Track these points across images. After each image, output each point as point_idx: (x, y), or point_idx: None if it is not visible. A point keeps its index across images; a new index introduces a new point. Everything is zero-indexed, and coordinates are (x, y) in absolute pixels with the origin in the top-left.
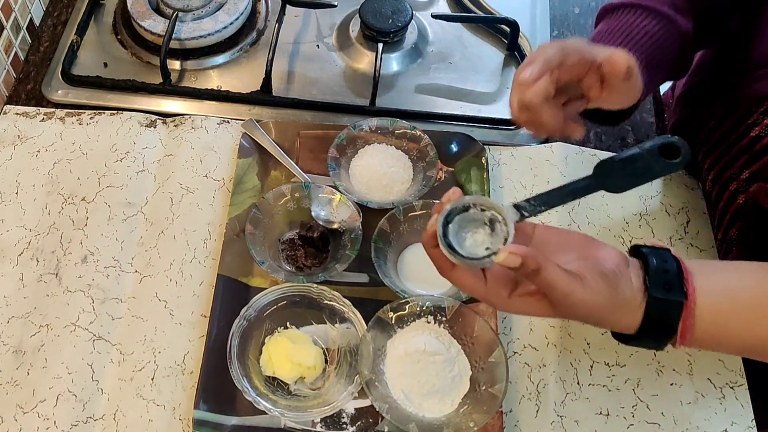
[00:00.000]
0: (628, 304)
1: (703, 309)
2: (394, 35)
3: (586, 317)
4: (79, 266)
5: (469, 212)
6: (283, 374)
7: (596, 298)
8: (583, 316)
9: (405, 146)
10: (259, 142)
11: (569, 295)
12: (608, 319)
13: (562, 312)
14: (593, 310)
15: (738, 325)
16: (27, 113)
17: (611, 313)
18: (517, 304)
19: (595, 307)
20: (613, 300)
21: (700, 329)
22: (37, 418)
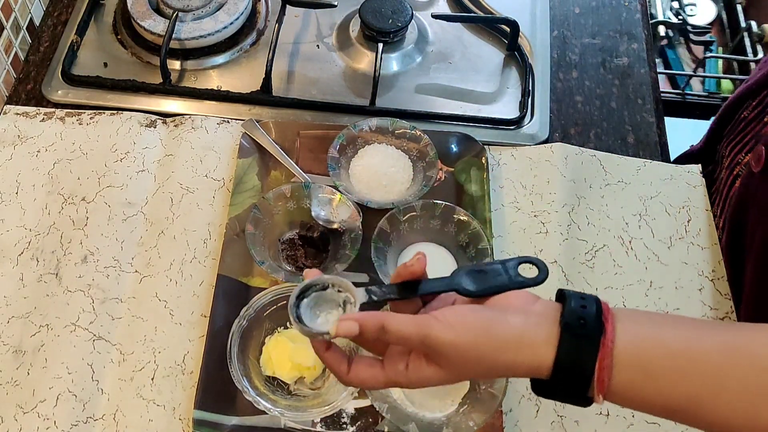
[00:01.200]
0: (530, 338)
1: (623, 352)
2: (394, 35)
3: (477, 361)
4: (79, 266)
5: (327, 292)
6: (283, 374)
7: (466, 337)
8: (471, 360)
9: (405, 146)
10: (259, 142)
11: (428, 336)
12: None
13: (447, 364)
14: (474, 348)
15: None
16: (27, 113)
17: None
18: (413, 374)
19: (474, 348)
20: (495, 333)
21: (620, 375)
22: (37, 418)
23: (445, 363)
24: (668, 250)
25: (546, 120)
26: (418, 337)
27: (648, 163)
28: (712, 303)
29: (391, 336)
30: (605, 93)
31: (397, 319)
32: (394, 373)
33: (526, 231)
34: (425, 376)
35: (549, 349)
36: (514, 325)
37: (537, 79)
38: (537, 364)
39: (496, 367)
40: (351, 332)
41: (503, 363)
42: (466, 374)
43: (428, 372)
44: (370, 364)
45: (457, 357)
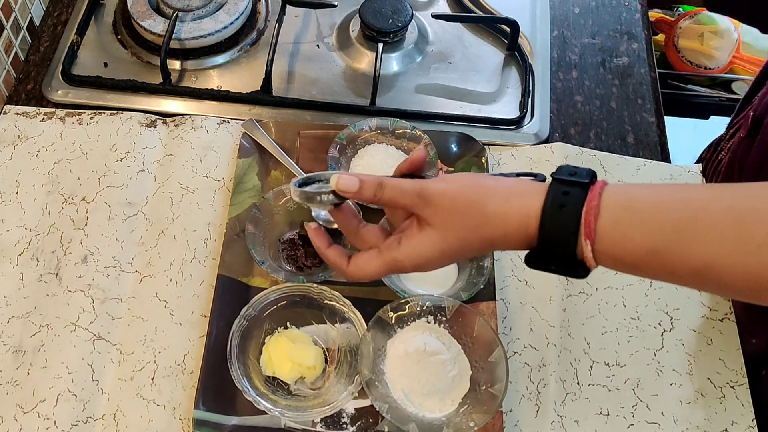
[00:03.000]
0: (520, 189)
1: (611, 196)
2: (394, 35)
3: (467, 208)
4: (79, 266)
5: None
6: (283, 374)
7: (458, 184)
8: (461, 208)
9: (405, 146)
10: (259, 142)
11: (424, 188)
12: (496, 209)
13: (439, 218)
14: (464, 194)
15: (652, 212)
16: (27, 113)
17: (492, 196)
18: (406, 245)
19: (464, 194)
20: (486, 183)
21: (607, 215)
22: (37, 418)
23: (436, 218)
24: None
25: (546, 120)
26: (413, 189)
27: (648, 163)
28: (711, 304)
29: (387, 190)
30: (605, 93)
31: (394, 179)
32: (388, 251)
33: None
34: (417, 242)
35: (538, 197)
36: (506, 182)
37: (537, 79)
38: (525, 213)
39: (485, 218)
40: (351, 186)
41: (492, 211)
42: (456, 230)
43: (420, 237)
44: (367, 252)
45: (448, 205)
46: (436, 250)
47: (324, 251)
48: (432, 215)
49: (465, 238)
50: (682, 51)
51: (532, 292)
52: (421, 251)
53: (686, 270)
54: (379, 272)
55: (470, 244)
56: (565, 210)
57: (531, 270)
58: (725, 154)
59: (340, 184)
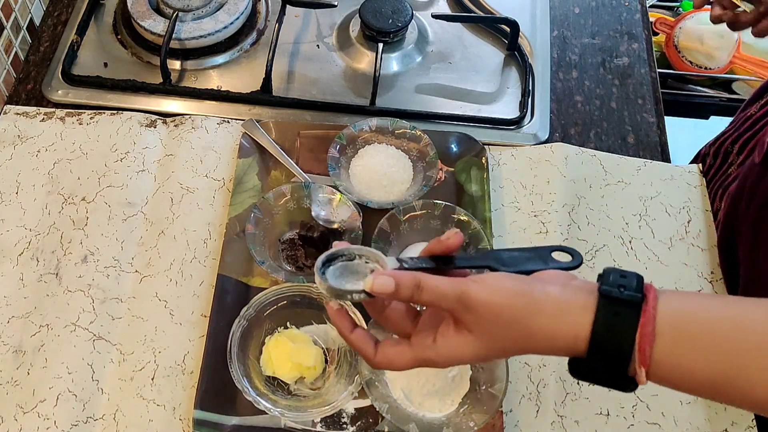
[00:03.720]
0: (567, 305)
1: (665, 320)
2: (394, 35)
3: (511, 324)
4: (79, 266)
5: (354, 262)
6: (283, 374)
7: (503, 296)
8: (505, 322)
9: (405, 146)
10: (259, 142)
11: (465, 293)
12: (542, 325)
13: (479, 327)
14: (510, 308)
15: (711, 344)
16: (27, 113)
17: (539, 313)
18: (442, 346)
19: (509, 308)
20: (532, 296)
21: (663, 344)
22: (37, 418)
23: (477, 327)
24: (668, 250)
25: (546, 120)
26: (454, 293)
27: (648, 163)
28: None
29: (425, 293)
30: (605, 93)
31: (433, 278)
32: (421, 348)
33: (526, 231)
34: (455, 345)
35: (586, 316)
36: (552, 292)
37: (537, 79)
38: (574, 334)
39: (531, 335)
40: (387, 288)
41: (538, 329)
42: (497, 342)
43: (458, 341)
44: (396, 342)
45: (492, 318)
46: (475, 356)
47: (348, 335)
48: (473, 323)
49: (507, 349)
50: (682, 51)
51: None
52: (460, 355)
53: (750, 403)
54: (409, 367)
55: (511, 353)
56: (617, 333)
57: None
58: (734, 170)
59: (375, 287)
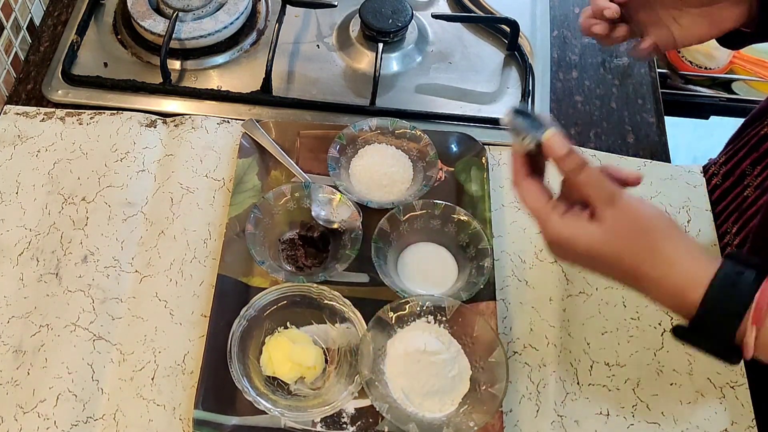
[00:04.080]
0: (698, 250)
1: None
2: (394, 35)
3: (641, 234)
4: (79, 266)
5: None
6: (283, 374)
7: (649, 209)
8: (640, 230)
9: (405, 146)
10: (259, 142)
11: (618, 191)
12: (666, 250)
13: (615, 224)
14: (648, 221)
15: None
16: (27, 113)
17: (671, 235)
18: (570, 222)
19: (650, 220)
20: (669, 224)
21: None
22: (37, 418)
23: (611, 221)
24: None
25: None
26: (609, 187)
27: (648, 163)
28: None
29: (584, 175)
30: (605, 93)
31: (595, 169)
32: (554, 207)
33: (526, 231)
34: (581, 228)
35: (710, 269)
36: (689, 237)
37: (537, 79)
38: (693, 275)
39: (653, 255)
40: (559, 150)
41: (663, 251)
42: (620, 244)
43: (586, 227)
44: (543, 187)
45: (630, 218)
46: (589, 247)
47: (519, 180)
48: (610, 217)
49: (622, 255)
50: (682, 51)
51: (532, 292)
52: (576, 237)
53: None
54: (533, 208)
55: (620, 265)
56: (736, 289)
57: (531, 270)
58: (751, 192)
59: (552, 142)
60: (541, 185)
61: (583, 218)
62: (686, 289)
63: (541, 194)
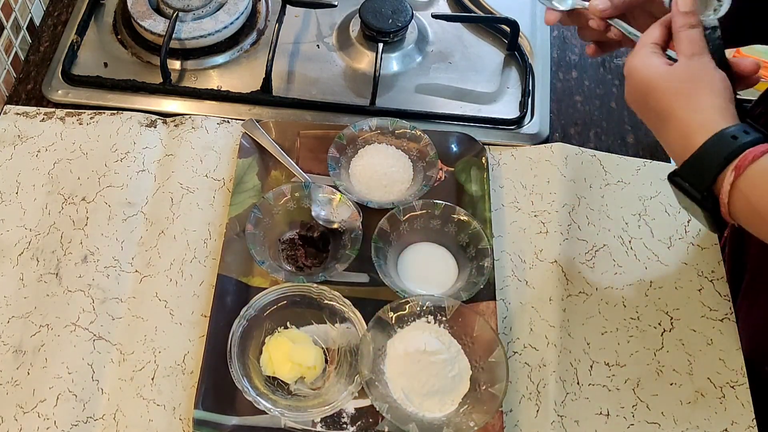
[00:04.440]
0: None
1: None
2: (394, 35)
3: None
4: (79, 266)
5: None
6: (283, 374)
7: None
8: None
9: (405, 146)
10: (259, 141)
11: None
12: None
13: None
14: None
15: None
16: (27, 113)
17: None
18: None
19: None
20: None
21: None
22: (37, 418)
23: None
24: (668, 250)
25: (546, 120)
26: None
27: (648, 163)
28: (711, 304)
29: (688, 32)
30: (605, 93)
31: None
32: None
33: (526, 231)
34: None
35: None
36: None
37: (537, 79)
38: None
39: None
40: (687, 5)
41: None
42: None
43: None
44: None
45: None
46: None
47: None
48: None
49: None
50: None
51: (532, 292)
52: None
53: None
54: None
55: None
56: (735, 141)
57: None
58: None
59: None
60: (660, 28)
61: (661, 58)
62: (695, 133)
63: (653, 35)
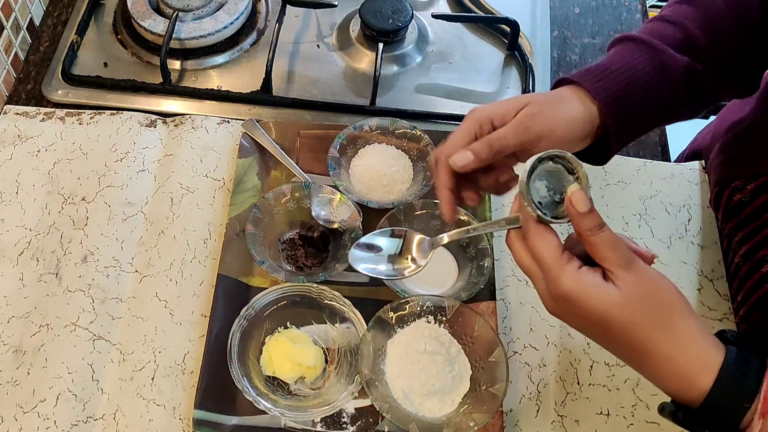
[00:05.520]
0: (708, 332)
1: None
2: (394, 35)
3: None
4: (79, 266)
5: (558, 166)
6: (283, 374)
7: (671, 284)
8: (653, 301)
9: (405, 146)
10: (259, 141)
11: (636, 260)
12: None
13: (629, 289)
14: (668, 294)
15: None
16: (27, 113)
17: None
18: (587, 278)
19: (671, 294)
20: (686, 300)
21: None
22: (37, 417)
23: (629, 287)
24: (668, 249)
25: None
26: (627, 251)
27: (648, 162)
28: (711, 303)
29: (603, 235)
30: None
31: (615, 236)
32: (569, 259)
33: None
34: (595, 287)
35: (717, 350)
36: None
37: (537, 79)
38: (705, 358)
39: (665, 329)
40: (584, 205)
41: (677, 326)
42: (635, 311)
43: (601, 286)
44: (557, 236)
45: (649, 288)
46: (604, 309)
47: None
48: (629, 282)
49: (636, 324)
50: None
51: (532, 292)
52: (590, 295)
53: None
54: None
55: (630, 334)
56: (746, 379)
57: None
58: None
59: (575, 198)
60: (555, 233)
61: (598, 276)
62: (697, 374)
63: (557, 244)
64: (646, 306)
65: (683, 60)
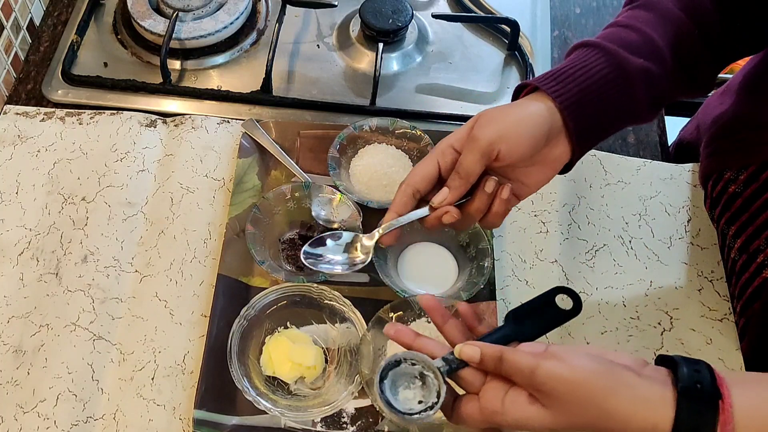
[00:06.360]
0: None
1: (743, 415)
2: (395, 35)
3: (587, 401)
4: (79, 266)
5: (401, 367)
6: (283, 374)
7: (580, 374)
8: (581, 400)
9: (405, 146)
10: (259, 141)
11: (536, 368)
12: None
13: (554, 402)
14: (586, 386)
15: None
16: (27, 113)
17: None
18: (511, 412)
19: (585, 386)
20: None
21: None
22: (37, 417)
23: (551, 402)
24: (668, 250)
25: None
26: (528, 367)
27: (648, 163)
28: (711, 304)
29: (506, 365)
30: None
31: (517, 353)
32: (490, 410)
33: (527, 231)
34: (525, 415)
35: (666, 410)
36: (628, 378)
37: None
38: (653, 424)
39: (608, 416)
40: (473, 357)
41: (615, 411)
42: (571, 418)
43: (530, 411)
44: (469, 399)
45: (568, 394)
46: (544, 425)
47: None
48: (546, 398)
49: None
50: None
51: (532, 292)
52: (528, 422)
53: None
54: (479, 425)
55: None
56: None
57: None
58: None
59: (464, 353)
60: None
61: (522, 404)
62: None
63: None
64: (576, 410)
65: (639, 62)
